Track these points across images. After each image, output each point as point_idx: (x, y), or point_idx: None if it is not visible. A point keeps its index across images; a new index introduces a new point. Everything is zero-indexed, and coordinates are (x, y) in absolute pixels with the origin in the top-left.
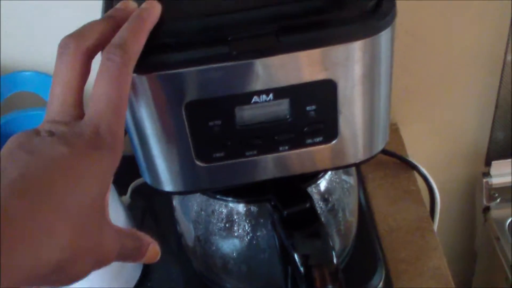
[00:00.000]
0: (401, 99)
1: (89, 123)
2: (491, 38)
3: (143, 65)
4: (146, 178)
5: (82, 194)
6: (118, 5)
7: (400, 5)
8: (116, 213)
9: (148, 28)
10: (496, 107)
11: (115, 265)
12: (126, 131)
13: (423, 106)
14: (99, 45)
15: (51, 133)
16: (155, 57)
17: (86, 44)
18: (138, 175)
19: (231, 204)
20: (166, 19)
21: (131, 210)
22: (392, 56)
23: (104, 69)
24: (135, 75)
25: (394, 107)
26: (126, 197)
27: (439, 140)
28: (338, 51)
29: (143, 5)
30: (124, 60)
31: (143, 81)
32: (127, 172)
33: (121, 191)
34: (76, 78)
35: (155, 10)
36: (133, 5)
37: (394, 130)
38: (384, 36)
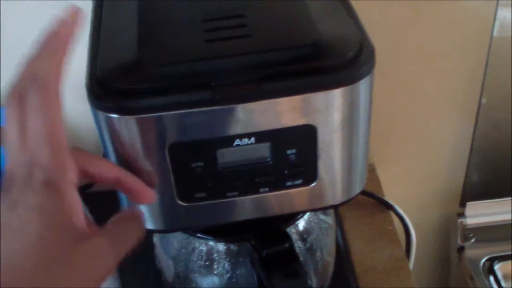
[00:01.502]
0: (379, 140)
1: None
2: (466, 83)
3: (128, 108)
4: None
5: None
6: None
7: (378, 52)
8: None
9: (67, 47)
10: (471, 149)
11: None
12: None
13: (400, 147)
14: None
15: None
16: (139, 100)
17: None
18: (117, 211)
19: (211, 243)
20: (151, 64)
21: None
22: (371, 103)
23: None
24: (119, 116)
25: (372, 148)
26: None
27: (415, 181)
28: (318, 98)
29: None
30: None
31: (127, 123)
32: (108, 207)
33: (100, 226)
34: None
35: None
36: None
37: (371, 170)
38: (363, 84)
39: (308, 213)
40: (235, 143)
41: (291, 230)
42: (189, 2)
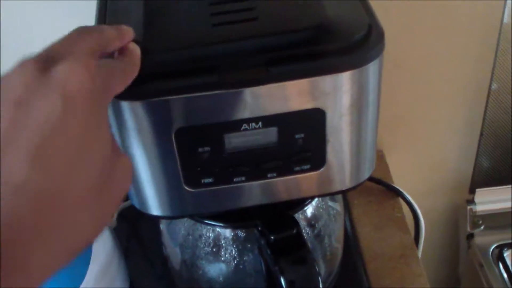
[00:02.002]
0: (388, 127)
1: None
2: (476, 68)
3: (134, 92)
4: (135, 202)
5: None
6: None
7: (387, 37)
8: (103, 237)
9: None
10: (481, 135)
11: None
12: None
13: (409, 134)
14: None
15: None
16: (146, 85)
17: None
18: (125, 197)
19: (218, 229)
20: (158, 48)
21: (117, 232)
22: (380, 87)
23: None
24: (126, 102)
25: (381, 134)
26: (113, 220)
27: (424, 167)
28: (326, 81)
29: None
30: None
31: (134, 108)
32: None
33: None
34: None
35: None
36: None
37: (380, 157)
38: (372, 67)
39: (316, 199)
40: (243, 128)
41: (299, 216)
42: None
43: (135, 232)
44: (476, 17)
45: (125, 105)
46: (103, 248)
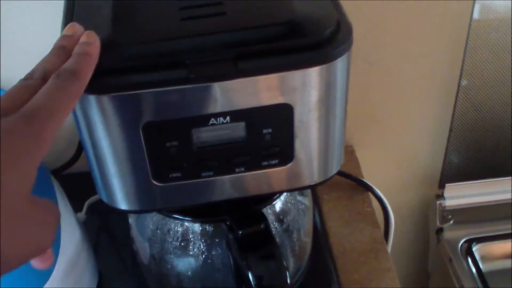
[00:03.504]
0: (358, 122)
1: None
2: (446, 64)
3: (102, 86)
4: (103, 196)
5: None
6: (66, 31)
7: (359, 34)
8: (71, 230)
9: (94, 63)
10: (450, 130)
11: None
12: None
13: (379, 129)
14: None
15: None
16: (114, 78)
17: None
18: (94, 191)
19: (186, 223)
20: (126, 42)
21: (86, 227)
22: (348, 82)
23: (53, 85)
24: (94, 96)
25: (351, 129)
26: (82, 214)
27: (394, 163)
28: (294, 77)
29: (84, 38)
30: (75, 83)
31: (102, 102)
32: (83, 188)
33: (76, 208)
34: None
35: (97, 44)
36: (80, 29)
37: (350, 152)
38: (340, 63)
39: (284, 194)
40: (211, 122)
41: (267, 211)
42: None
43: (104, 225)
44: (446, 14)
45: (92, 99)
46: (72, 242)
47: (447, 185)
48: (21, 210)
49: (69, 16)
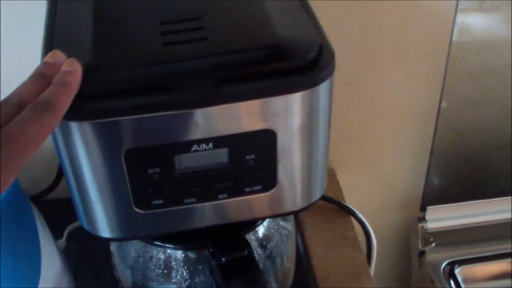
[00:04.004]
0: (339, 146)
1: None
2: (425, 87)
3: (83, 112)
4: (84, 223)
5: None
6: (47, 58)
7: (339, 57)
8: (51, 258)
9: (73, 93)
10: (431, 153)
11: None
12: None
13: (360, 152)
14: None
15: None
16: (95, 104)
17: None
18: (74, 218)
19: (169, 250)
20: (107, 67)
21: (66, 254)
22: (331, 107)
23: (27, 117)
24: (75, 122)
25: (332, 153)
26: (62, 241)
27: (376, 185)
28: (277, 102)
29: (66, 67)
30: (51, 115)
31: (83, 128)
32: (63, 215)
33: (56, 235)
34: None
35: (78, 73)
36: (63, 57)
37: (331, 175)
38: (323, 88)
39: (267, 220)
40: (193, 149)
41: (250, 237)
42: (146, 4)
43: (85, 253)
44: (425, 36)
45: (74, 125)
46: (52, 269)
47: (428, 207)
48: None
49: (50, 38)
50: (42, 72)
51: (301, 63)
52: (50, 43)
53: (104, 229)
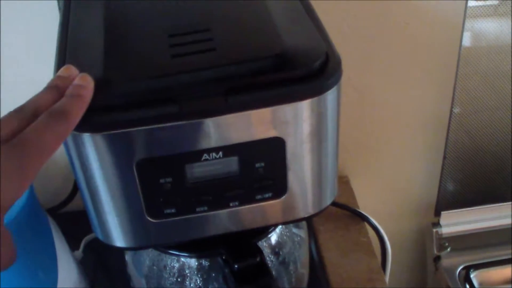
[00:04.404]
0: (351, 152)
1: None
2: (436, 92)
3: (96, 125)
4: (98, 234)
5: None
6: (61, 72)
7: (349, 64)
8: (69, 268)
9: (86, 105)
10: (444, 158)
11: None
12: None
13: (373, 158)
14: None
15: None
16: (106, 116)
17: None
18: (90, 229)
19: (183, 259)
20: (118, 80)
21: (83, 265)
22: (339, 113)
23: (43, 124)
24: (87, 134)
25: (345, 160)
26: (79, 252)
27: (389, 192)
28: (286, 110)
29: (78, 81)
30: (64, 123)
31: (95, 140)
32: (80, 226)
33: (73, 246)
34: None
35: (90, 87)
36: (75, 71)
37: (344, 182)
38: (330, 94)
39: (280, 227)
40: (203, 158)
41: (263, 243)
42: (155, 18)
43: (102, 263)
44: (435, 42)
45: (86, 137)
46: (69, 280)
47: (443, 212)
48: None
49: (62, 53)
50: (56, 84)
51: (308, 71)
52: (62, 58)
53: (118, 239)
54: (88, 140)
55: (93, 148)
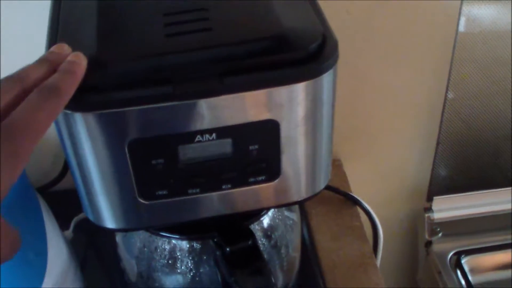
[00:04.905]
0: (345, 136)
1: None
2: (431, 78)
3: (87, 104)
4: (89, 214)
5: None
6: (53, 48)
7: (345, 48)
8: (58, 248)
9: (78, 82)
10: (438, 144)
11: None
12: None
13: (366, 143)
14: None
15: None
16: (99, 95)
17: (23, 86)
18: (81, 209)
19: (174, 241)
20: (111, 59)
21: (73, 245)
22: (334, 97)
23: (35, 103)
24: (79, 113)
25: (338, 144)
26: (69, 232)
27: (382, 176)
28: (281, 92)
29: (72, 57)
30: (56, 101)
31: (87, 120)
32: (70, 206)
33: (63, 226)
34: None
35: (83, 64)
36: (68, 49)
37: (337, 166)
38: (326, 78)
39: (272, 210)
40: (197, 139)
41: (255, 227)
42: None
43: (92, 243)
44: (432, 27)
45: (78, 116)
46: (59, 260)
47: (435, 198)
48: None
49: (54, 32)
50: (47, 58)
51: (304, 53)
52: (54, 37)
53: (109, 220)
54: (80, 120)
55: (84, 127)
